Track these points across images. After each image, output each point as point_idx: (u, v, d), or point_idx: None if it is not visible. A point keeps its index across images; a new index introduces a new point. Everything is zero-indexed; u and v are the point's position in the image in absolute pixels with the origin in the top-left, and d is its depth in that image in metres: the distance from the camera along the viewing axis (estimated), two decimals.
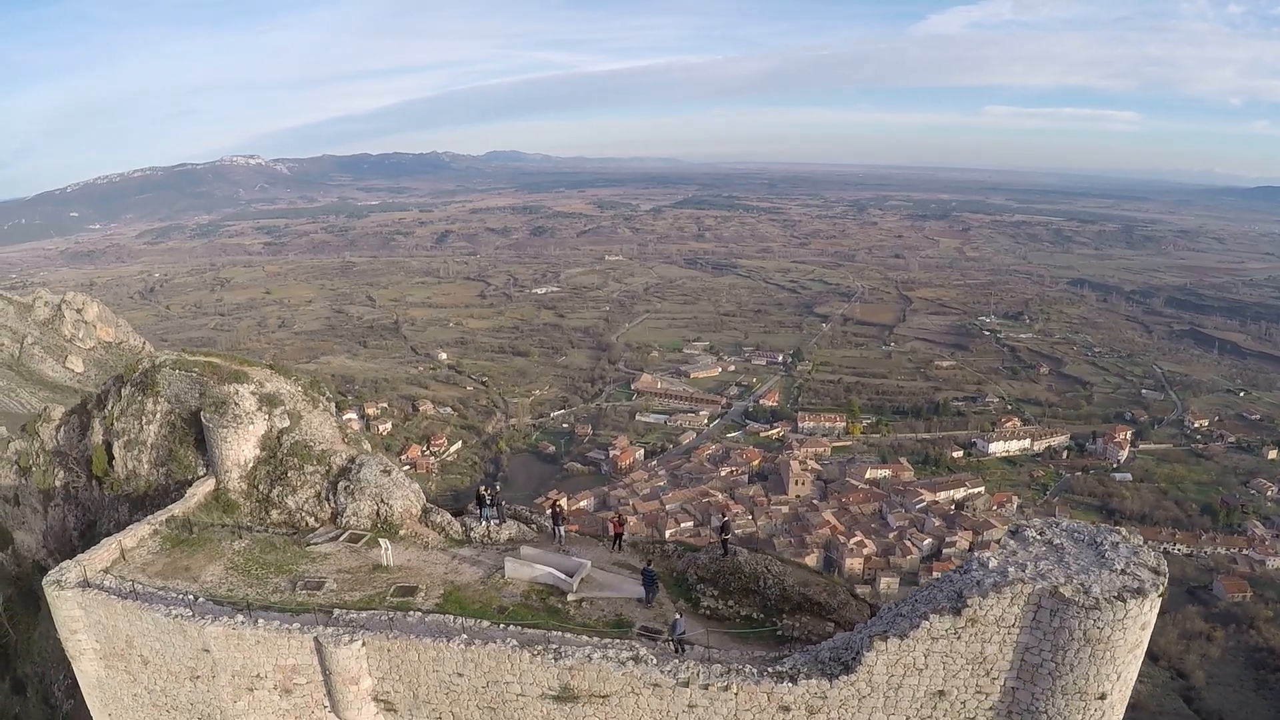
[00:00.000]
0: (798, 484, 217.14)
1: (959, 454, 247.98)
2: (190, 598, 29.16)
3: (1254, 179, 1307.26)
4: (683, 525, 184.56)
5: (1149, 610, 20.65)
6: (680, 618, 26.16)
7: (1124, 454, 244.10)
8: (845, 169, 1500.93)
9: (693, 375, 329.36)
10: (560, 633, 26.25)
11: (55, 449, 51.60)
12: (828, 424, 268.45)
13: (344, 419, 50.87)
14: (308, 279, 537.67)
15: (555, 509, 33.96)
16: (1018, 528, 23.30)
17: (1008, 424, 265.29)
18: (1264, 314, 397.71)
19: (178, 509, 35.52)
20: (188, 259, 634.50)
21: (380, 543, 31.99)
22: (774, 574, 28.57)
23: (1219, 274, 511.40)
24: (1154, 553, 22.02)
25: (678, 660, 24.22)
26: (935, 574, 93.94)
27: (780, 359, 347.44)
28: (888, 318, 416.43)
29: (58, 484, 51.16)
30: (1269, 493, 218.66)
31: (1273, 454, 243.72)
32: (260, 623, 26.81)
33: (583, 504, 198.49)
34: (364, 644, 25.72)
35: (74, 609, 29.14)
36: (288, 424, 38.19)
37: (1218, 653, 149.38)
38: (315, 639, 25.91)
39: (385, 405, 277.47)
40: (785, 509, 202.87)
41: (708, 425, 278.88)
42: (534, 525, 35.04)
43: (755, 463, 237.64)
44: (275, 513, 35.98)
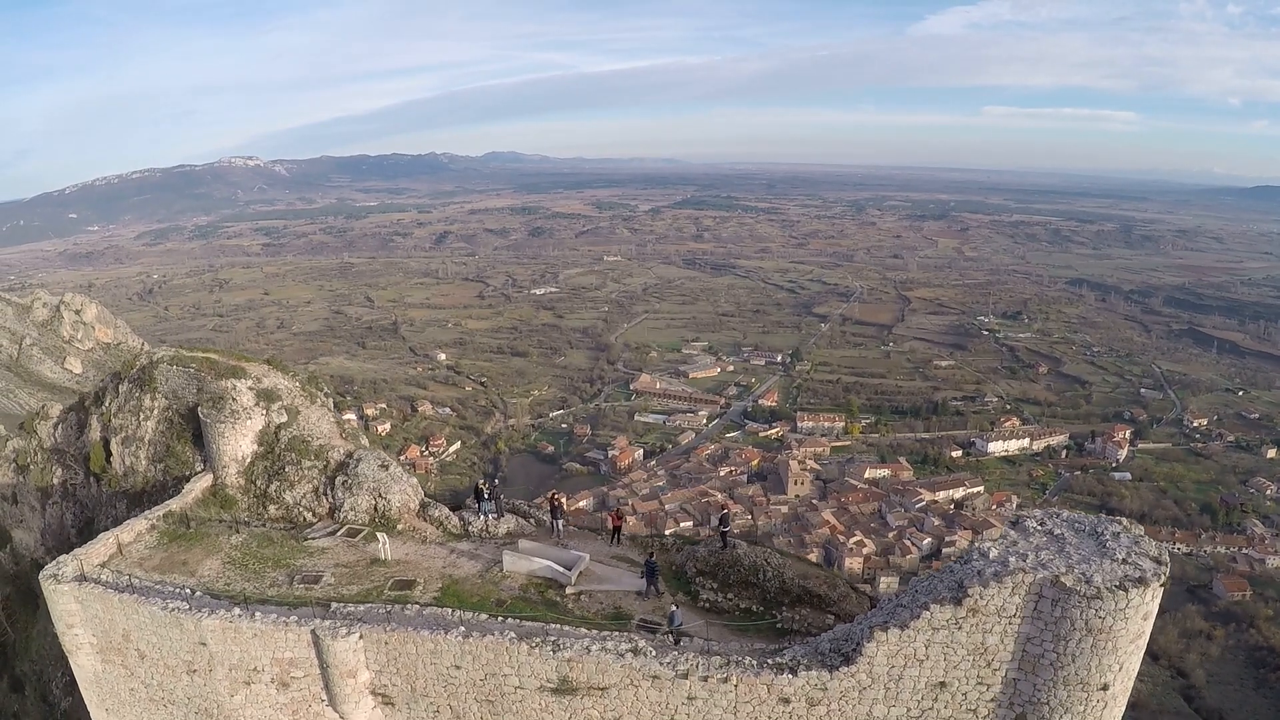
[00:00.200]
0: (797, 484, 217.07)
1: (958, 453, 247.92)
2: (187, 591, 29.03)
3: (1253, 179, 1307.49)
4: (682, 525, 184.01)
5: (1151, 600, 20.52)
6: (677, 609, 26.03)
7: (1123, 453, 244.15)
8: (844, 169, 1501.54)
9: (691, 375, 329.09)
10: (559, 625, 26.12)
11: (53, 446, 51.45)
12: (827, 424, 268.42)
13: (343, 417, 50.82)
14: (306, 280, 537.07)
15: (554, 503, 33.85)
16: (1018, 518, 23.18)
17: (1007, 423, 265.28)
18: (1263, 313, 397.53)
19: (175, 504, 35.40)
20: (186, 260, 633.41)
21: (378, 537, 31.86)
22: (773, 566, 28.41)
23: (1218, 273, 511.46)
24: (1155, 543, 21.91)
25: (676, 652, 24.07)
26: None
27: (779, 359, 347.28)
28: (886, 318, 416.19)
29: (56, 481, 50.99)
30: (1268, 491, 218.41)
31: (1272, 453, 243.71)
32: (257, 616, 26.66)
33: (582, 504, 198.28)
34: (361, 637, 25.58)
35: (70, 603, 29.00)
36: (285, 419, 38.06)
37: (1218, 651, 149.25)
38: (313, 632, 25.77)
39: (384, 406, 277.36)
40: (784, 509, 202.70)
41: (707, 425, 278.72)
42: (532, 519, 34.88)
43: (754, 462, 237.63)
44: (273, 508, 35.86)
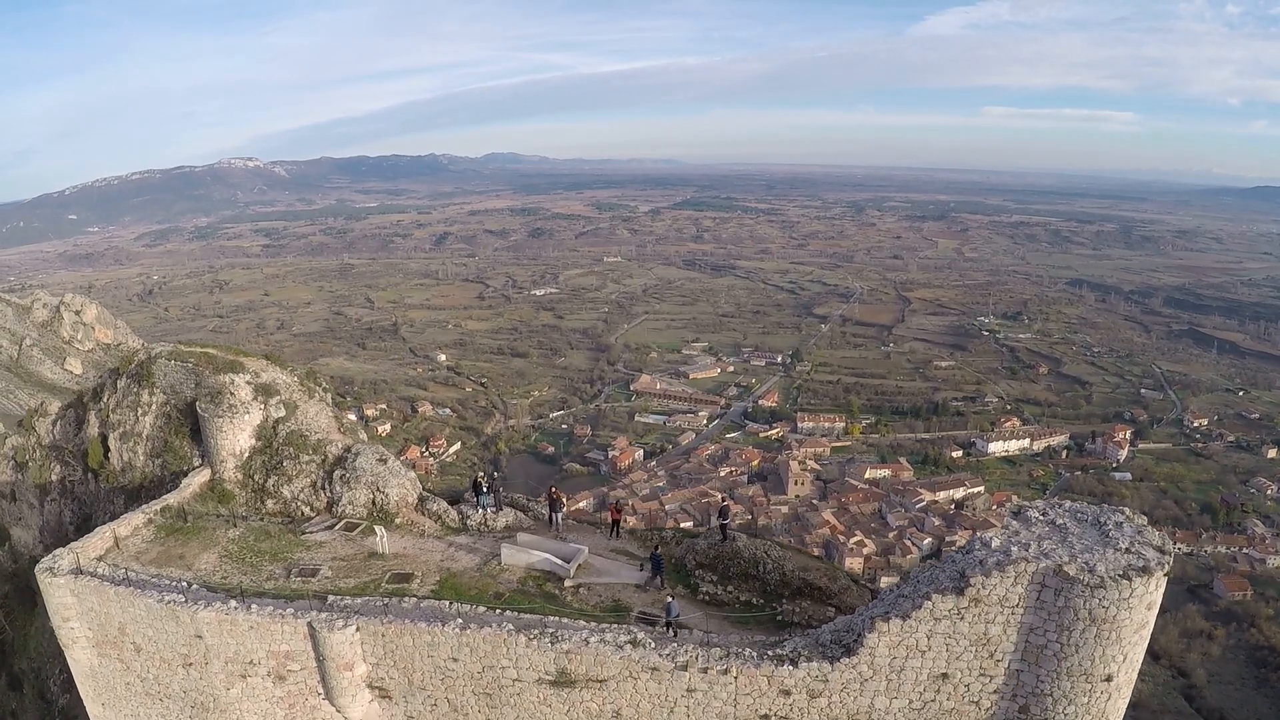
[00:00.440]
0: (797, 484, 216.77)
1: (958, 454, 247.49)
2: (184, 585, 28.83)
3: (1252, 179, 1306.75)
4: (682, 525, 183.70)
5: (1154, 589, 20.33)
6: (673, 600, 25.83)
7: (1123, 453, 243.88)
8: (844, 170, 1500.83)
9: (692, 376, 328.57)
10: (557, 618, 25.93)
11: (52, 443, 51.29)
12: (827, 424, 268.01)
13: (342, 414, 50.64)
14: (306, 281, 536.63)
15: (552, 497, 33.66)
16: (1020, 508, 23.00)
17: (1007, 424, 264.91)
18: (1262, 313, 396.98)
19: (172, 499, 35.23)
20: (186, 261, 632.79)
21: (376, 530, 31.68)
22: (773, 559, 28.21)
23: (1217, 274, 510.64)
24: (1158, 532, 21.73)
25: (676, 644, 23.87)
26: None
27: (779, 360, 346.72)
28: (886, 318, 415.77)
29: (54, 478, 50.82)
30: (1269, 491, 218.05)
31: (1272, 453, 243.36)
32: (253, 608, 26.49)
33: (582, 504, 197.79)
34: (358, 629, 25.39)
35: (66, 596, 28.83)
36: (283, 414, 37.88)
37: (1218, 651, 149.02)
38: (309, 624, 25.58)
39: (384, 406, 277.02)
40: (785, 509, 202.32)
41: (707, 426, 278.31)
42: (531, 513, 34.71)
43: (754, 463, 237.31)
44: (271, 502, 35.67)
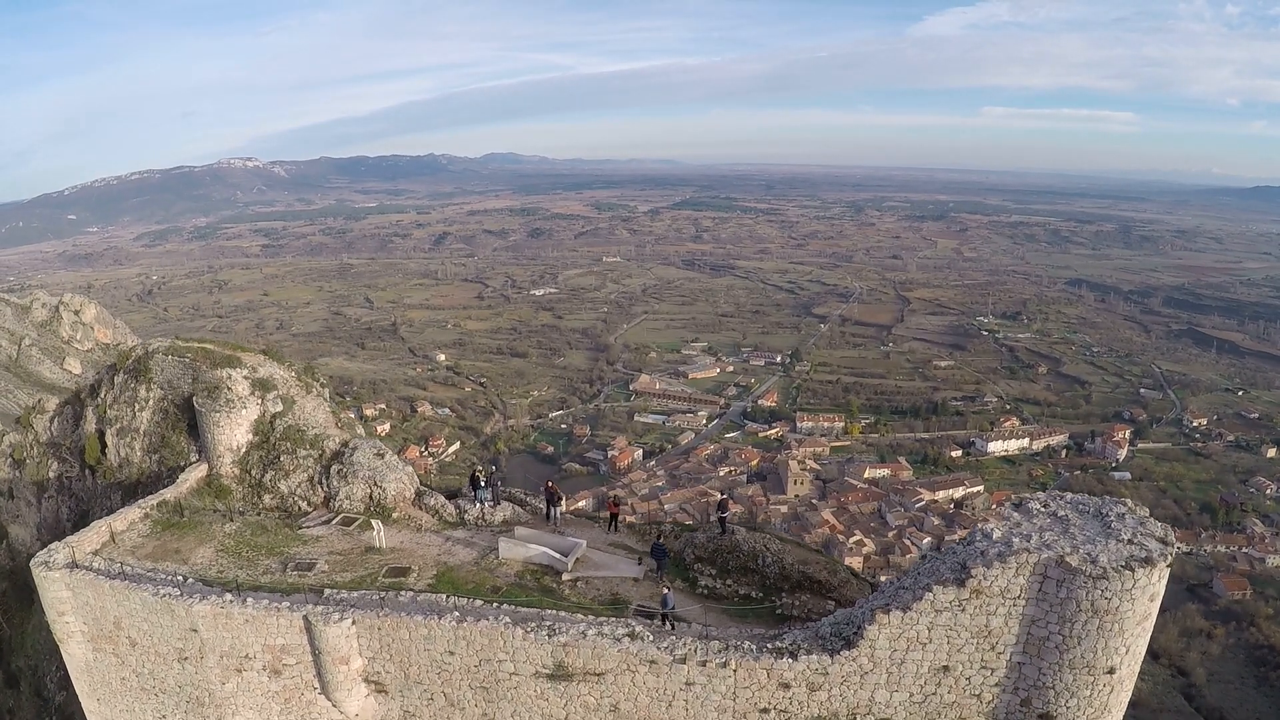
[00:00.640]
0: (796, 484, 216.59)
1: (958, 453, 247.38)
2: (179, 579, 28.67)
3: (1251, 179, 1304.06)
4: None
5: (1158, 580, 20.17)
6: (669, 592, 25.65)
7: (1123, 453, 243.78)
8: (843, 170, 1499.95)
9: (691, 376, 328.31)
10: (554, 611, 25.75)
11: (49, 440, 51.10)
12: (826, 424, 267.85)
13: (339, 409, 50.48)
14: (305, 281, 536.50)
15: (550, 491, 33.51)
16: (1022, 500, 22.84)
17: (1006, 423, 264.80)
18: (1262, 313, 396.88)
19: (169, 493, 35.08)
20: (185, 261, 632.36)
21: (373, 525, 31.52)
22: (773, 552, 28.05)
23: (1217, 274, 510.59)
24: (1161, 524, 21.57)
25: (674, 637, 23.69)
26: None
27: (778, 359, 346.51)
28: (886, 318, 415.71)
29: (51, 475, 50.60)
30: (1268, 491, 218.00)
31: (1271, 452, 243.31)
32: (249, 601, 26.30)
33: (581, 504, 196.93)
34: (354, 622, 25.20)
35: (61, 590, 28.66)
36: (281, 409, 37.73)
37: (1218, 650, 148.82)
38: (305, 618, 25.40)
39: (383, 406, 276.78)
40: (784, 509, 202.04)
41: (706, 426, 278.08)
42: (529, 507, 34.57)
43: (754, 463, 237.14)
44: (268, 497, 35.52)
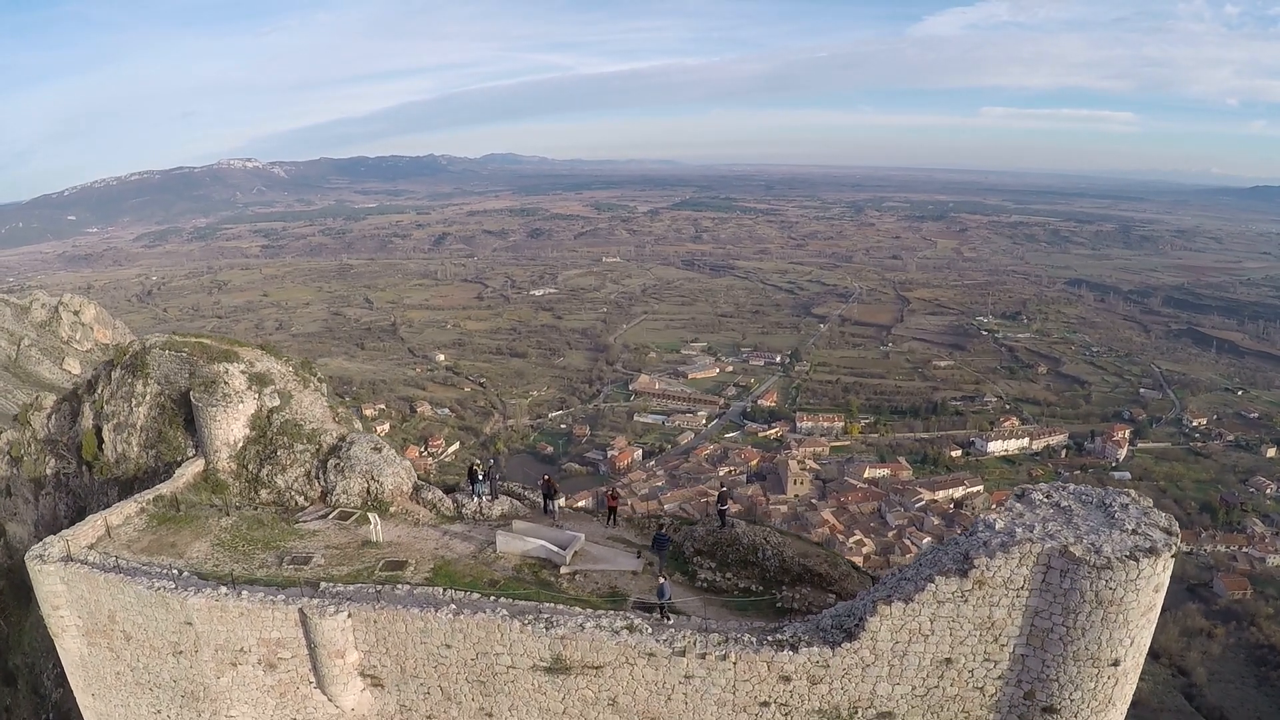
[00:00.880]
0: (796, 483, 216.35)
1: (957, 453, 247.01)
2: (174, 572, 28.44)
3: (1251, 179, 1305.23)
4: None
5: (1162, 570, 19.99)
6: (665, 582, 25.44)
7: (1122, 453, 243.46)
8: (842, 170, 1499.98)
9: (690, 376, 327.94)
10: (552, 604, 25.53)
11: (47, 437, 50.85)
12: (826, 424, 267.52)
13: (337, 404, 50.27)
14: (305, 281, 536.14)
15: (548, 485, 33.30)
16: (1024, 490, 22.61)
17: (1006, 423, 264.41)
18: (1261, 313, 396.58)
19: (165, 488, 34.85)
20: (185, 262, 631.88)
21: (370, 519, 31.30)
22: (773, 545, 27.83)
23: (1216, 274, 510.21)
24: (1165, 514, 21.37)
25: (674, 630, 23.45)
26: None
27: (778, 360, 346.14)
28: (885, 318, 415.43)
29: (49, 472, 50.34)
30: (1268, 490, 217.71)
31: (1271, 452, 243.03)
32: (244, 594, 26.06)
33: (581, 504, 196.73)
34: (350, 615, 24.96)
35: (56, 584, 28.45)
36: (278, 403, 37.53)
37: (1218, 650, 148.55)
38: (300, 610, 25.15)
39: (383, 406, 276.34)
40: (784, 508, 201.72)
41: (706, 426, 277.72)
42: (527, 501, 34.34)
43: (754, 463, 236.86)
44: (264, 492, 35.30)
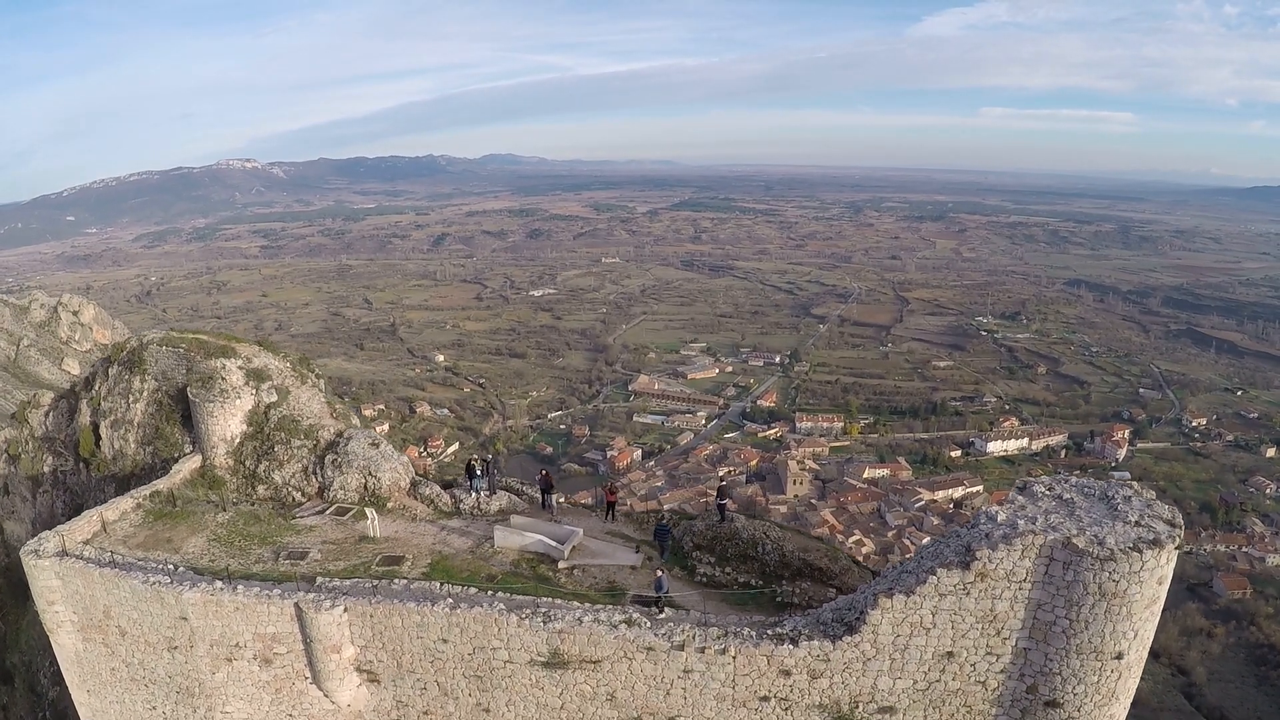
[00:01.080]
0: (796, 484, 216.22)
1: (957, 453, 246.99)
2: (170, 567, 28.26)
3: (1250, 179, 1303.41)
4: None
5: (1166, 563, 19.81)
6: (663, 575, 25.26)
7: (1122, 453, 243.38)
8: (842, 171, 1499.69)
9: (690, 376, 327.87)
10: (550, 598, 25.33)
11: (44, 435, 50.67)
12: (825, 424, 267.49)
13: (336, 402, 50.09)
14: (304, 282, 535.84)
15: (545, 479, 33.11)
16: (1025, 483, 22.44)
17: (1005, 423, 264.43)
18: (1261, 313, 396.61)
19: (162, 484, 34.68)
20: (184, 262, 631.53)
21: (367, 514, 31.11)
22: (772, 540, 27.62)
23: (1215, 274, 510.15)
24: (1168, 505, 21.19)
25: (672, 624, 23.26)
26: None
27: (777, 360, 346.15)
28: (885, 318, 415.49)
29: (46, 470, 50.15)
30: (1268, 490, 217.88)
31: (1271, 451, 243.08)
32: (239, 589, 25.88)
33: (579, 504, 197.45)
34: (346, 610, 24.77)
35: (51, 579, 28.28)
36: (275, 399, 37.32)
37: (1218, 649, 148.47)
38: (296, 605, 24.96)
39: (382, 407, 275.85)
40: (784, 508, 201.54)
41: (705, 426, 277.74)
42: (525, 496, 34.18)
43: (753, 463, 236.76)
44: (261, 488, 35.09)
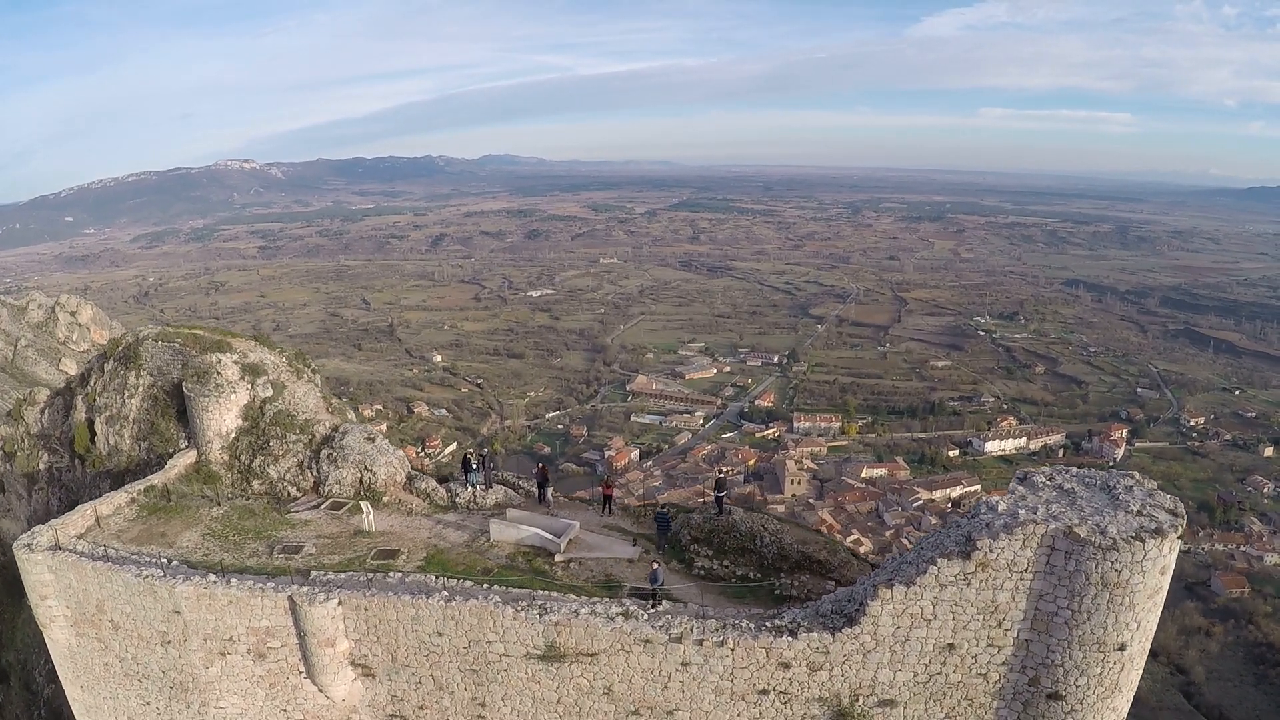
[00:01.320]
0: (794, 483, 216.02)
1: (955, 453, 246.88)
2: (164, 561, 27.99)
3: (1248, 179, 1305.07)
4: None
5: (1168, 552, 19.58)
6: (659, 567, 25.04)
7: (1120, 452, 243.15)
8: (840, 171, 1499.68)
9: (688, 376, 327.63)
10: (546, 591, 25.10)
11: (40, 432, 50.41)
12: (823, 424, 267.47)
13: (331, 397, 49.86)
14: (302, 282, 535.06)
15: (542, 473, 32.88)
16: (1026, 474, 22.22)
17: (1003, 423, 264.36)
18: (1259, 313, 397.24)
19: (157, 479, 34.45)
20: (182, 263, 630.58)
21: (362, 508, 30.87)
22: (771, 532, 27.41)
23: (1214, 274, 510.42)
24: (1169, 495, 20.98)
25: (670, 616, 23.03)
26: None
27: (775, 360, 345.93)
28: (883, 319, 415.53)
29: (41, 467, 49.89)
30: (1265, 489, 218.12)
31: (1269, 451, 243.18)
32: (233, 582, 25.63)
33: (576, 498, 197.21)
34: (340, 603, 24.54)
35: (44, 573, 28.00)
36: (271, 394, 37.11)
37: (1217, 648, 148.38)
38: (290, 598, 24.74)
39: (380, 407, 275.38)
40: (781, 508, 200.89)
41: (703, 426, 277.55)
42: (521, 490, 33.96)
43: (751, 463, 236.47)
44: (257, 483, 34.86)
